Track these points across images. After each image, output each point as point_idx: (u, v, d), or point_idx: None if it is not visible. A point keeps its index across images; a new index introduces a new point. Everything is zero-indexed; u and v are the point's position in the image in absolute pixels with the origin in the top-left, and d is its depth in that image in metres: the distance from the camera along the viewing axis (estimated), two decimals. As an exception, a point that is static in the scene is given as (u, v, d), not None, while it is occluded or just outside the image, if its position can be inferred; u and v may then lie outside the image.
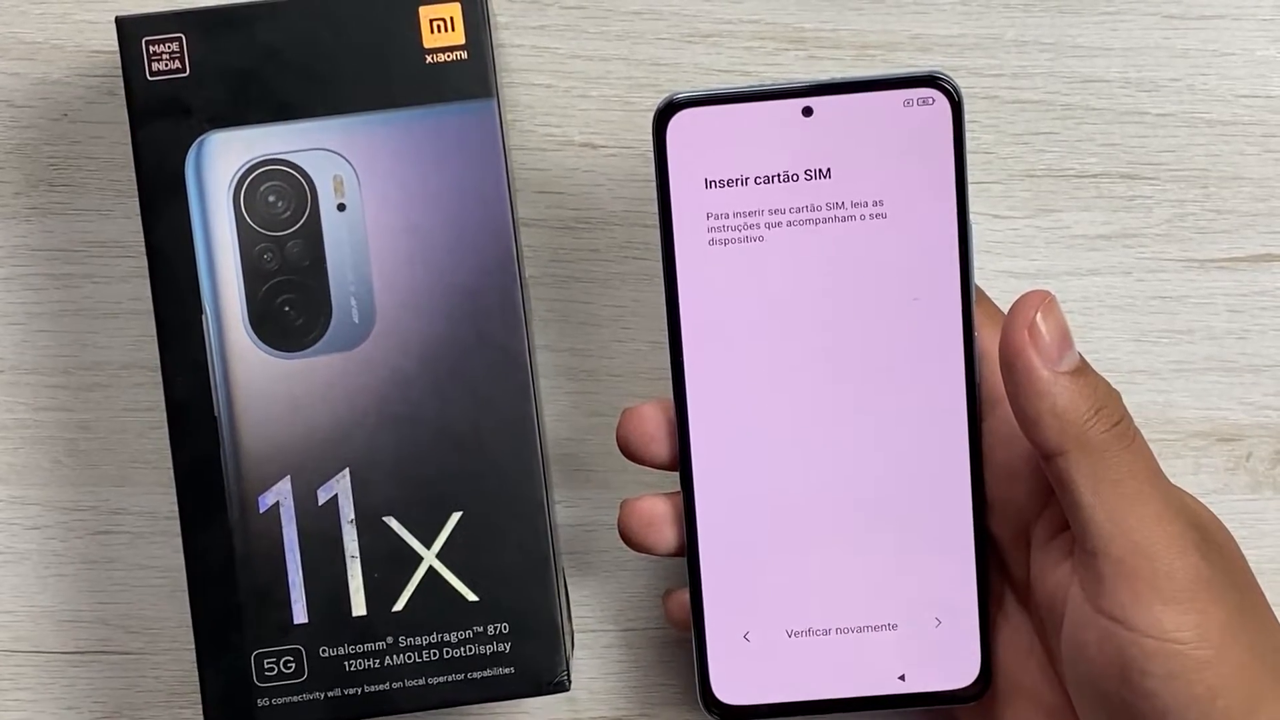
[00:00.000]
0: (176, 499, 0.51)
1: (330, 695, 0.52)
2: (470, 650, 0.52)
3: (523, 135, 0.58)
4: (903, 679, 0.52)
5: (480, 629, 0.52)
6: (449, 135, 0.51)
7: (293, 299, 0.51)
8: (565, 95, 0.58)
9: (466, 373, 0.52)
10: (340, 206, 0.51)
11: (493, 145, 0.51)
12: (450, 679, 0.52)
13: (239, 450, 0.51)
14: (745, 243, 0.51)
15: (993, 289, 0.54)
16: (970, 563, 0.52)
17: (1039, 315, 0.47)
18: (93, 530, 0.58)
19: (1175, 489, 0.50)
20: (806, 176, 0.50)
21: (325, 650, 0.52)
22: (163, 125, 0.51)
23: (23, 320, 0.58)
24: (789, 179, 0.50)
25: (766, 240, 0.50)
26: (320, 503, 0.52)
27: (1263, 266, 0.58)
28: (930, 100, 0.50)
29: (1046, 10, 0.57)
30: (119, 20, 0.51)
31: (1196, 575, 0.47)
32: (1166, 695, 0.46)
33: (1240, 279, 0.58)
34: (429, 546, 0.52)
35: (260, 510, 0.51)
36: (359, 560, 0.52)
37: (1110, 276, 0.58)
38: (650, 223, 0.51)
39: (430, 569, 0.52)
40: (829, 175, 0.50)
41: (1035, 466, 0.50)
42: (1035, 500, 0.51)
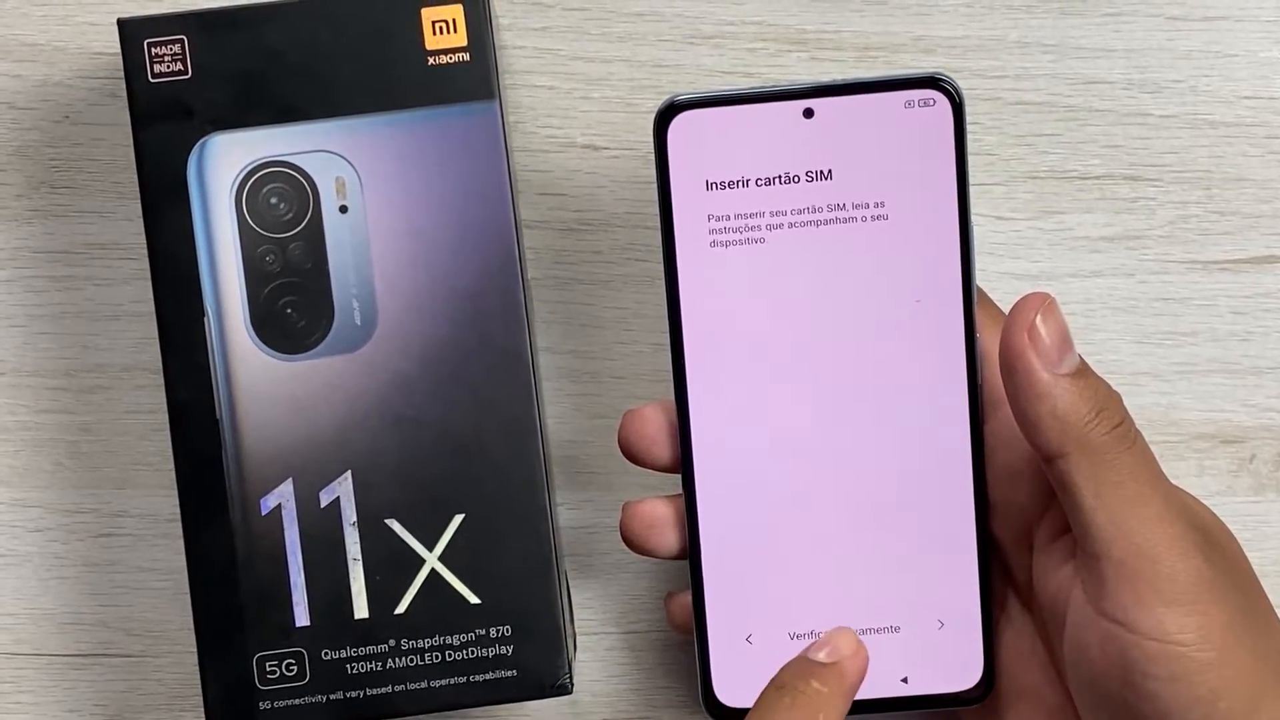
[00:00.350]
0: (178, 501, 0.51)
1: (332, 698, 0.52)
2: (472, 653, 0.52)
3: (525, 137, 0.58)
4: (906, 681, 0.52)
5: (482, 631, 0.52)
6: (451, 137, 0.51)
7: (295, 301, 0.51)
8: (567, 97, 0.58)
9: (469, 375, 0.51)
10: (342, 208, 0.51)
11: (495, 147, 0.51)
12: (452, 682, 0.52)
13: (241, 452, 0.51)
14: (747, 244, 0.50)
15: (995, 291, 0.54)
16: (973, 565, 0.52)
17: (1039, 317, 0.47)
18: (94, 533, 0.58)
19: (1177, 491, 0.50)
20: (808, 178, 0.50)
21: (327, 653, 0.52)
22: (165, 127, 0.51)
23: (24, 322, 0.58)
24: (790, 181, 0.50)
25: (768, 242, 0.50)
26: (322, 505, 0.52)
27: (1266, 268, 0.58)
28: (931, 102, 0.50)
29: (1049, 12, 0.57)
30: (121, 22, 0.51)
31: (1199, 577, 0.47)
32: (1169, 697, 0.46)
33: (1243, 281, 0.58)
34: (431, 549, 0.52)
35: (262, 512, 0.51)
36: (361, 563, 0.52)
37: (1113, 278, 0.58)
38: (652, 224, 0.51)
39: (432, 571, 0.52)
40: (830, 177, 0.50)
41: (1037, 468, 0.50)
42: (1037, 502, 0.51)
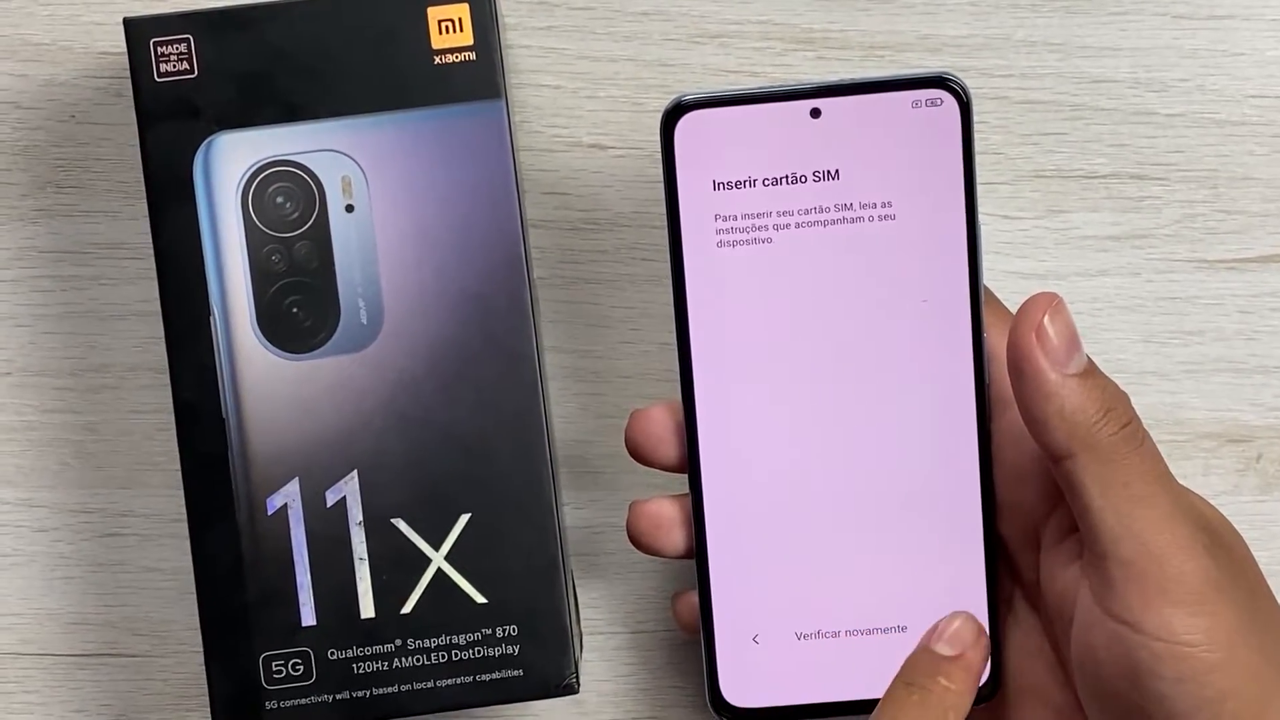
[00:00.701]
0: (184, 501, 0.51)
1: (338, 698, 0.52)
2: (479, 653, 0.52)
3: (531, 136, 0.57)
4: (912, 681, 0.52)
5: (489, 631, 0.52)
6: (457, 136, 0.51)
7: (301, 300, 0.51)
8: (573, 96, 0.58)
9: (475, 374, 0.51)
10: (348, 208, 0.51)
11: (501, 146, 0.51)
12: (459, 681, 0.52)
13: (247, 452, 0.51)
14: (753, 244, 0.50)
15: (1002, 290, 0.54)
16: (980, 565, 0.52)
17: (1046, 317, 0.47)
18: (100, 532, 0.58)
19: (1184, 491, 0.50)
20: (814, 178, 0.50)
21: (333, 652, 0.52)
22: (171, 126, 0.51)
23: (30, 322, 0.58)
24: (797, 180, 0.50)
25: (775, 242, 0.50)
26: (328, 504, 0.52)
27: (1272, 267, 0.58)
28: (939, 101, 0.50)
29: (1055, 11, 0.57)
30: (127, 21, 0.51)
31: (1206, 578, 0.46)
32: (1176, 698, 0.46)
33: (1250, 279, 0.57)
34: (437, 548, 0.52)
35: (268, 512, 0.51)
36: (367, 562, 0.52)
37: (1119, 277, 0.58)
38: (659, 224, 0.51)
39: (439, 571, 0.52)
40: (837, 176, 0.50)
41: (1044, 468, 0.50)
42: (1044, 502, 0.51)
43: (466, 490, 0.52)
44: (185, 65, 0.51)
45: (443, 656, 0.52)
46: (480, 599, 0.52)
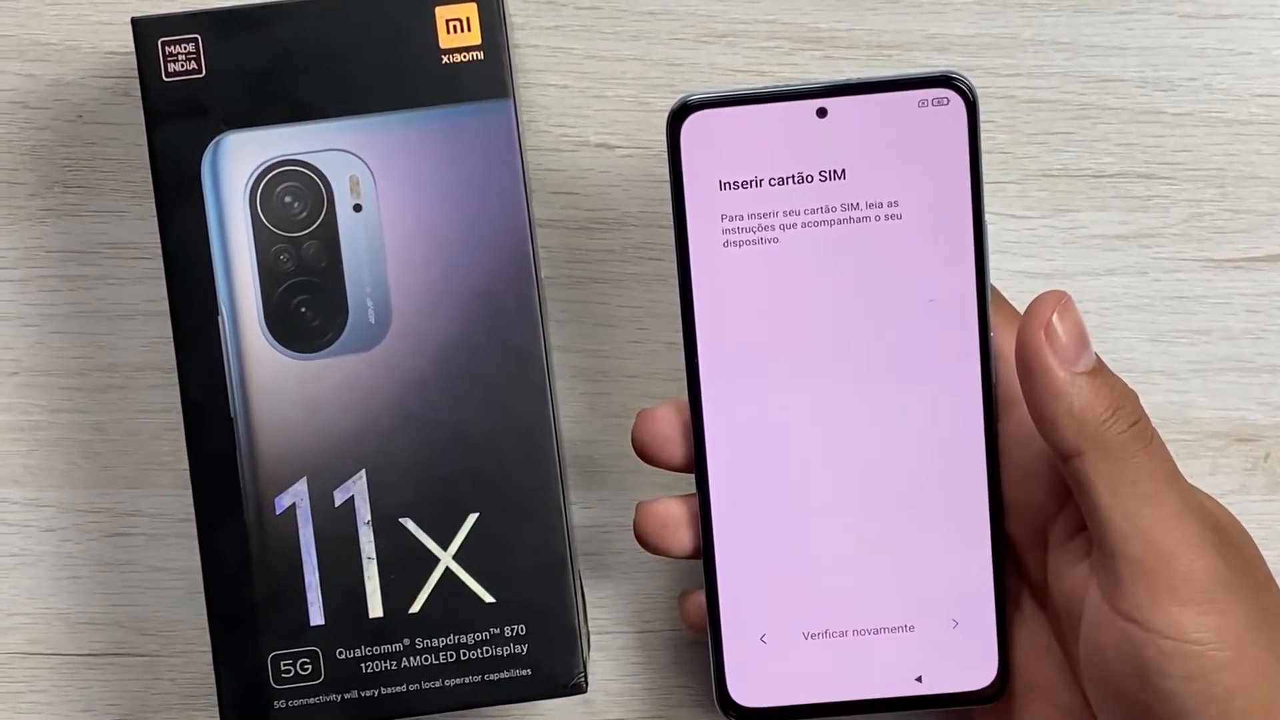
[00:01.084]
0: (193, 501, 0.51)
1: (347, 697, 0.52)
2: (487, 652, 0.52)
3: (538, 136, 0.57)
4: (920, 680, 0.52)
5: (497, 630, 0.52)
6: (465, 135, 0.51)
7: (309, 300, 0.51)
8: (580, 95, 0.58)
9: (483, 374, 0.51)
10: (356, 207, 0.51)
11: (509, 145, 0.51)
12: (467, 681, 0.52)
13: (255, 451, 0.51)
14: (760, 244, 0.50)
15: (1009, 289, 0.54)
16: (987, 564, 0.52)
17: (1055, 316, 0.47)
18: (108, 532, 0.58)
19: (1193, 489, 0.50)
20: (821, 178, 0.50)
21: (342, 652, 0.52)
22: (179, 126, 0.51)
23: (37, 322, 0.58)
24: (803, 180, 0.50)
25: (781, 242, 0.50)
26: (337, 504, 0.52)
27: (1280, 266, 0.58)
28: (945, 100, 0.50)
29: (1062, 10, 0.57)
30: (135, 21, 0.51)
31: (1215, 576, 0.46)
32: (1185, 696, 0.46)
33: (1258, 278, 0.57)
34: (446, 548, 0.52)
35: (276, 512, 0.51)
36: (375, 562, 0.52)
37: (1127, 276, 0.58)
38: (666, 223, 0.51)
39: (447, 570, 0.52)
40: (844, 176, 0.50)
41: (1052, 467, 0.50)
42: (1052, 501, 0.51)
43: (474, 490, 0.52)
44: (193, 65, 0.51)
45: (451, 656, 0.52)
46: (488, 598, 0.52)
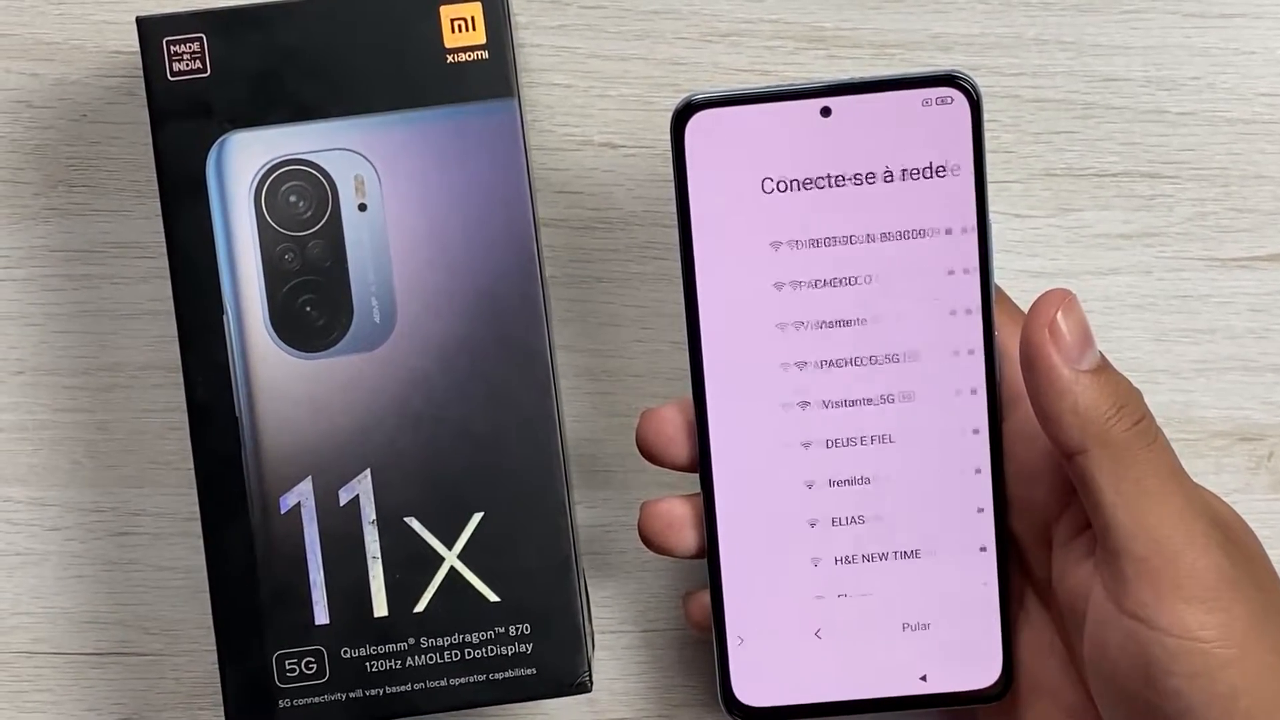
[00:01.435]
0: (198, 500, 0.51)
1: (352, 696, 0.52)
2: (492, 651, 0.52)
3: (542, 135, 0.58)
4: (924, 679, 0.52)
5: (502, 630, 0.52)
6: (470, 135, 0.51)
7: (314, 299, 0.51)
8: (585, 95, 0.58)
9: (487, 373, 0.51)
10: (361, 206, 0.51)
11: (514, 145, 0.51)
12: (472, 680, 0.52)
13: (260, 451, 0.51)
14: (764, 243, 0.50)
15: (1013, 288, 0.54)
16: (992, 563, 0.52)
17: (1060, 314, 0.47)
18: (112, 531, 0.58)
19: (1197, 487, 0.50)
20: (825, 177, 0.50)
21: (347, 651, 0.52)
22: (183, 125, 0.51)
23: (41, 321, 0.58)
24: (807, 179, 0.50)
25: (785, 240, 0.50)
26: (341, 503, 0.52)
27: (1284, 265, 0.58)
28: (949, 100, 0.50)
29: (1066, 9, 0.57)
30: (140, 20, 0.51)
31: (1219, 574, 0.46)
32: (1190, 694, 0.46)
33: (1262, 278, 0.57)
34: (450, 547, 0.52)
35: (281, 511, 0.51)
36: (380, 561, 0.52)
37: (1131, 276, 0.58)
38: (670, 222, 0.51)
39: (451, 569, 0.52)
40: (847, 175, 0.50)
41: (1056, 465, 0.50)
42: (1057, 499, 0.51)
43: (479, 489, 0.52)
44: (198, 64, 0.51)
45: (456, 655, 0.52)
46: (493, 597, 0.52)
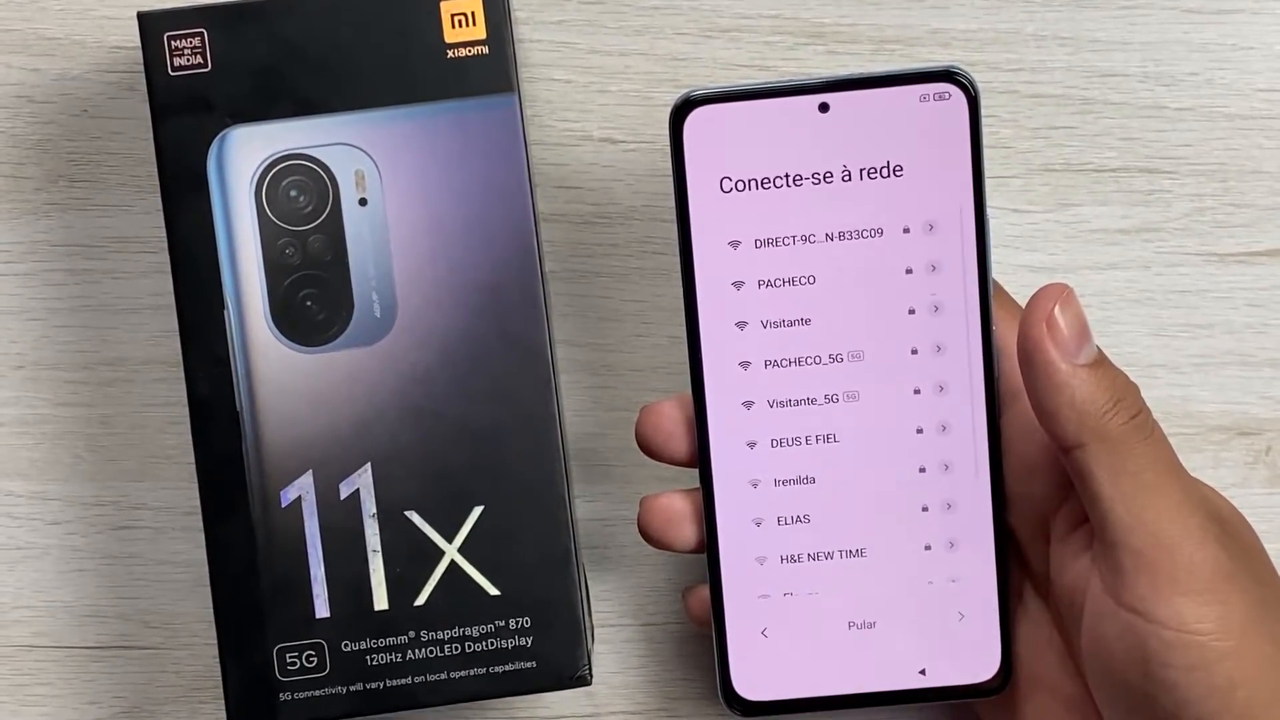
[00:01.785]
0: (198, 494, 0.52)
1: (352, 689, 0.52)
2: (492, 644, 0.52)
3: (542, 130, 0.58)
4: (923, 673, 0.52)
5: (502, 623, 0.52)
6: (470, 130, 0.51)
7: (314, 294, 0.52)
8: (584, 90, 0.58)
9: (487, 367, 0.52)
10: (362, 201, 0.52)
11: (514, 140, 0.51)
12: (472, 673, 0.52)
13: (261, 445, 0.51)
14: (763, 239, 0.51)
15: (1011, 283, 0.54)
16: (990, 557, 0.52)
17: (1057, 308, 0.47)
18: (113, 525, 0.58)
19: (1195, 481, 0.50)
20: (823, 173, 0.50)
21: (347, 644, 0.52)
22: (184, 120, 0.51)
23: (43, 316, 0.58)
24: (806, 175, 0.50)
25: (784, 237, 0.50)
26: (342, 497, 0.52)
27: (1282, 260, 0.58)
28: (947, 95, 0.50)
29: (1065, 4, 0.57)
30: (141, 15, 0.51)
31: (1217, 567, 0.47)
32: (1187, 686, 0.46)
33: (1260, 273, 0.58)
34: (450, 541, 0.52)
35: (282, 505, 0.52)
36: (380, 554, 0.52)
37: (1129, 270, 0.58)
38: (670, 217, 0.51)
39: (452, 563, 0.52)
40: (845, 171, 0.50)
41: (1054, 460, 0.50)
42: (1054, 493, 0.51)
43: (479, 483, 0.52)
44: (199, 59, 0.51)
45: (456, 648, 0.52)
46: (493, 591, 0.52)
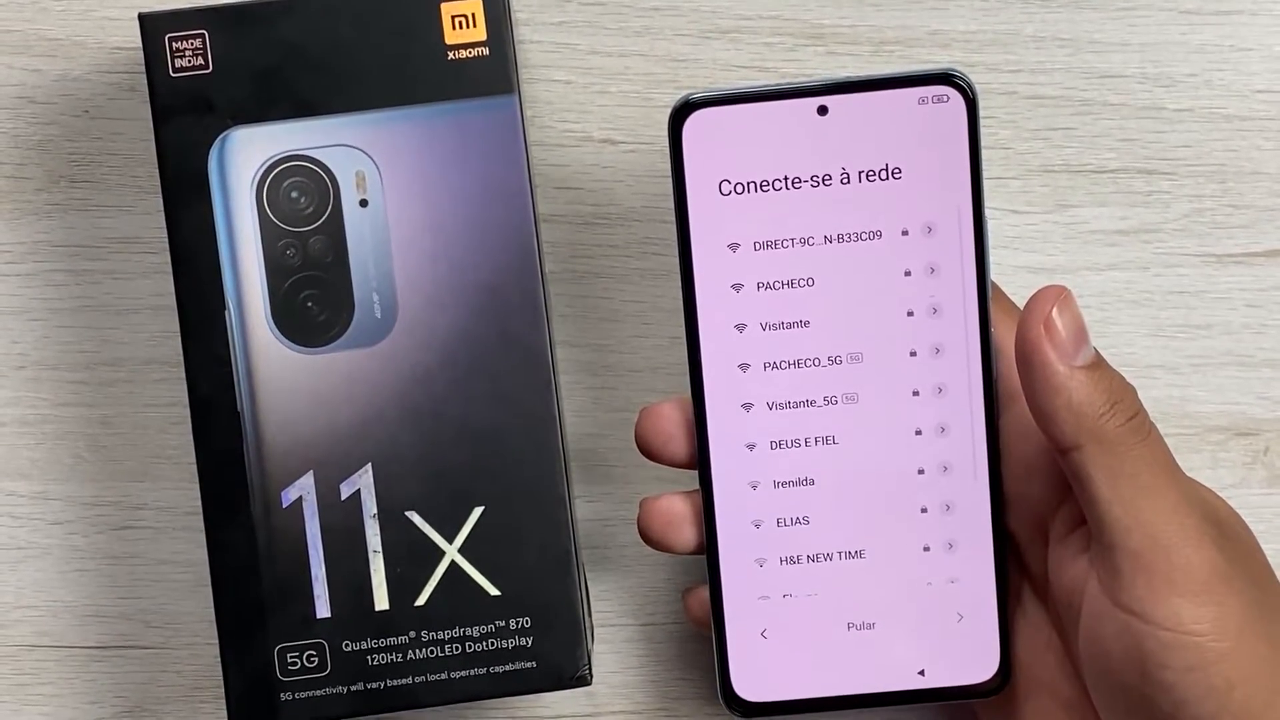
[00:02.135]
0: (200, 494, 0.52)
1: (353, 689, 0.52)
2: (492, 644, 0.52)
3: (542, 131, 0.58)
4: (922, 674, 0.52)
5: (502, 623, 0.52)
6: (471, 131, 0.51)
7: (315, 295, 0.52)
8: (584, 91, 0.58)
9: (488, 368, 0.52)
10: (362, 202, 0.52)
11: (514, 141, 0.51)
12: (472, 673, 0.52)
13: (262, 445, 0.52)
14: (762, 241, 0.51)
15: (1011, 284, 0.54)
16: (989, 558, 0.52)
17: (1055, 310, 0.47)
18: (114, 525, 0.58)
19: (1192, 482, 0.50)
20: (822, 175, 0.50)
21: (348, 644, 0.52)
22: (186, 122, 0.51)
23: (44, 316, 0.58)
24: (804, 178, 0.50)
25: (783, 239, 0.51)
26: (343, 497, 0.52)
27: (1280, 261, 0.58)
28: (945, 98, 0.50)
29: (1064, 6, 0.58)
30: (142, 17, 0.51)
31: (1214, 568, 0.47)
32: (1184, 687, 0.46)
33: (1258, 274, 0.58)
34: (451, 541, 0.52)
35: (283, 505, 0.52)
36: (381, 555, 0.52)
37: (1128, 271, 0.58)
38: (670, 218, 0.51)
39: (452, 563, 0.52)
40: (844, 174, 0.50)
41: (1052, 461, 0.50)
42: (1052, 495, 0.51)
43: (480, 483, 0.52)
44: (200, 60, 0.51)
45: (456, 648, 0.52)
46: (493, 591, 0.52)
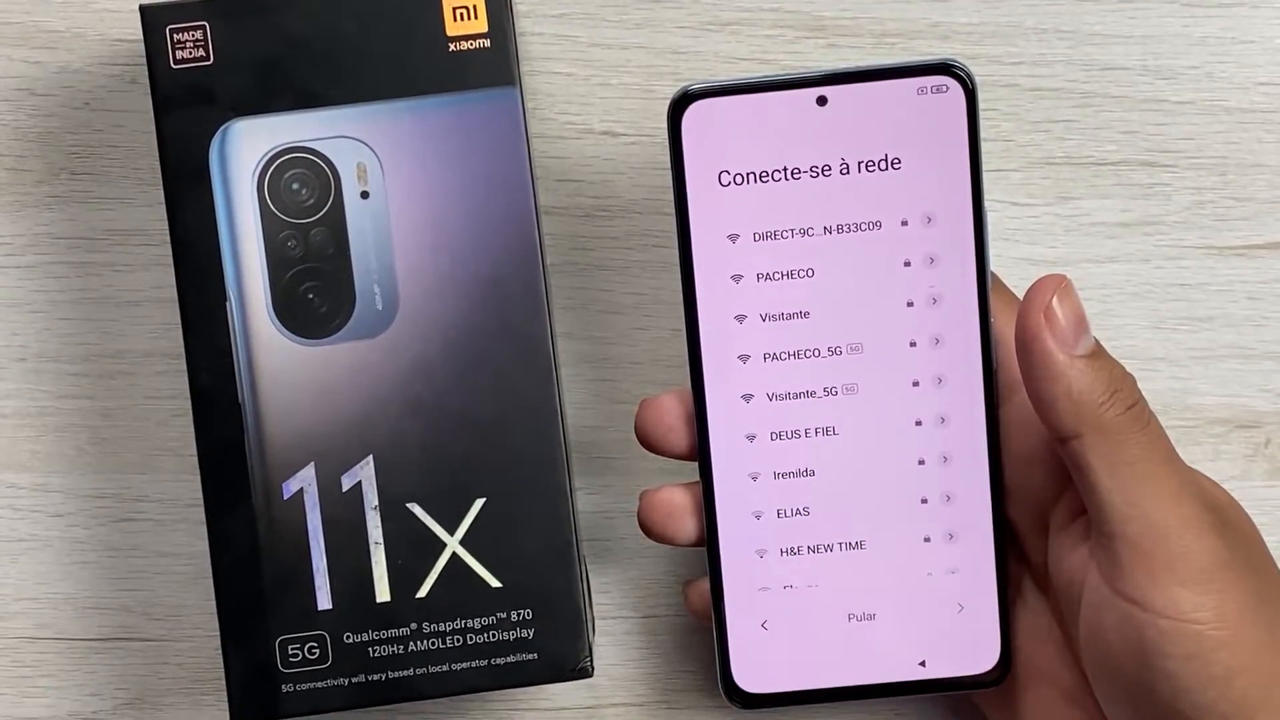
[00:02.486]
0: (201, 486, 0.52)
1: (354, 681, 0.52)
2: (493, 636, 0.52)
3: (543, 123, 0.58)
4: (923, 665, 0.52)
5: (503, 615, 0.52)
6: (472, 123, 0.51)
7: (316, 286, 0.52)
8: (585, 83, 0.58)
9: (489, 360, 0.52)
10: (364, 194, 0.52)
11: (515, 133, 0.51)
12: (473, 665, 0.52)
13: (263, 437, 0.52)
14: (761, 232, 0.51)
15: (1011, 276, 0.54)
16: (990, 549, 0.52)
17: (1055, 299, 0.47)
18: (115, 517, 0.58)
19: (1191, 471, 0.50)
20: (821, 166, 0.50)
21: (349, 636, 0.52)
22: (187, 113, 0.51)
23: (45, 308, 0.58)
24: (804, 168, 0.50)
25: (782, 230, 0.51)
26: (344, 489, 0.52)
27: (1281, 253, 0.58)
28: (944, 88, 0.50)
29: (1065, -2, 0.58)
30: (143, 8, 0.51)
31: (1214, 556, 0.47)
32: (1184, 676, 0.46)
33: (1259, 266, 0.58)
34: (452, 533, 0.52)
35: (284, 497, 0.52)
36: (383, 546, 0.52)
37: (1129, 264, 0.58)
38: (670, 210, 0.51)
39: (454, 555, 0.52)
40: (844, 164, 0.50)
41: (1052, 451, 0.50)
42: (1053, 485, 0.51)
43: (481, 475, 0.52)
44: (201, 52, 0.51)
45: (458, 640, 0.52)
46: (495, 583, 0.52)
